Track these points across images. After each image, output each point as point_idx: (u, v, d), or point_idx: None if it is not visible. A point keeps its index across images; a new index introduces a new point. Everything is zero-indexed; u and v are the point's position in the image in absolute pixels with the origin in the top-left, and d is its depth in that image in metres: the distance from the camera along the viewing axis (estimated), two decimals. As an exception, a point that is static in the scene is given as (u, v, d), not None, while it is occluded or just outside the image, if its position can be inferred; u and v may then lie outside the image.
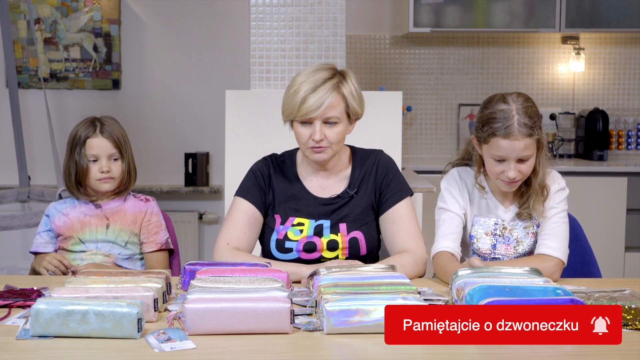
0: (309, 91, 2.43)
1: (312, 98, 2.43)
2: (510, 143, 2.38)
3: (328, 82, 2.45)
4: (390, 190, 2.57)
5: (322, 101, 2.43)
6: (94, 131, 2.72)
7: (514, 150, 2.39)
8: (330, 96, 2.44)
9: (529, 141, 2.40)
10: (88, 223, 2.74)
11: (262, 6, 3.76)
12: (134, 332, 1.84)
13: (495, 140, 2.40)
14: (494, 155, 2.42)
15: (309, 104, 2.43)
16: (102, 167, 2.71)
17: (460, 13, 5.11)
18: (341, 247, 2.52)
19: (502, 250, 2.55)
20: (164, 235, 2.81)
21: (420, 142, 5.50)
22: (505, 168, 2.42)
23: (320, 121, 2.45)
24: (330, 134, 2.46)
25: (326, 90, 2.44)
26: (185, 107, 5.27)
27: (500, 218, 2.55)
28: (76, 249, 2.72)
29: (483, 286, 1.95)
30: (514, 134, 2.38)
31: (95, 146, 2.72)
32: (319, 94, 2.43)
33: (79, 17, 5.19)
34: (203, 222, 5.27)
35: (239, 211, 2.57)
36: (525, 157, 2.42)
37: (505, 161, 2.42)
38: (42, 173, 4.97)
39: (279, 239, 2.53)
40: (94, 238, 2.73)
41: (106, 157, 2.72)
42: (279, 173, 2.60)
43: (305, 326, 1.94)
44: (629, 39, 5.42)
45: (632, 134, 5.47)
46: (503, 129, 2.38)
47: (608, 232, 4.81)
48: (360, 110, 2.52)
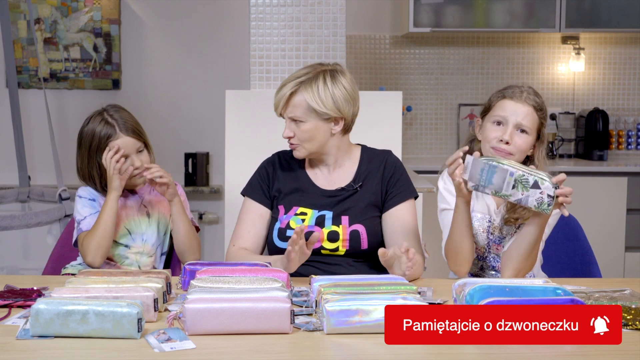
0: (278, 88, 2.52)
1: (277, 95, 2.51)
2: (514, 104, 2.48)
3: (295, 80, 2.49)
4: (396, 189, 2.59)
5: (280, 98, 2.50)
6: (114, 130, 2.63)
7: (516, 112, 2.46)
8: (288, 94, 2.49)
9: (532, 112, 2.47)
10: (130, 212, 2.70)
11: (262, 6, 3.76)
12: (134, 332, 1.84)
13: (500, 102, 2.50)
14: (496, 115, 2.49)
15: (275, 100, 2.52)
16: (134, 162, 2.63)
17: (460, 13, 5.11)
18: (342, 238, 2.53)
19: (493, 250, 2.55)
20: (190, 215, 2.77)
21: (420, 142, 5.50)
22: (502, 132, 2.46)
23: (289, 118, 2.51)
24: (298, 132, 2.51)
25: (289, 88, 2.49)
26: (185, 107, 5.28)
27: (492, 217, 2.55)
28: (123, 241, 2.68)
29: (483, 286, 1.95)
30: (521, 98, 2.49)
31: (122, 146, 2.62)
32: (282, 91, 2.51)
33: (79, 17, 5.19)
34: (203, 222, 5.27)
35: (244, 211, 2.62)
36: (524, 126, 2.46)
37: (504, 126, 2.47)
38: (42, 173, 4.97)
39: (281, 228, 2.55)
40: (139, 228, 2.70)
41: (134, 153, 2.65)
42: (286, 167, 2.64)
43: (305, 326, 1.94)
44: (629, 39, 5.42)
45: (632, 134, 5.47)
46: (512, 92, 2.51)
47: (608, 232, 4.81)
48: (331, 111, 2.49)
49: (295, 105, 2.49)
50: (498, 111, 2.49)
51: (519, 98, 2.48)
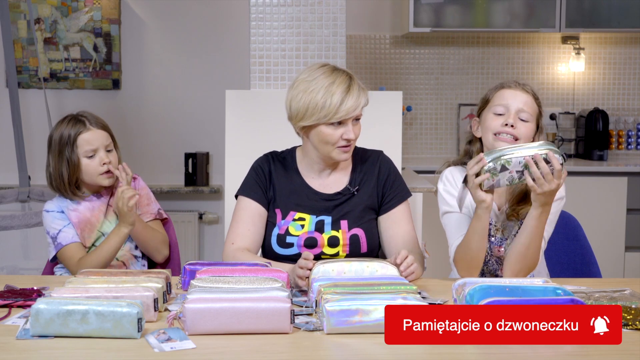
0: (344, 92, 2.46)
1: (350, 99, 2.45)
2: (513, 92, 2.51)
3: (352, 81, 2.49)
4: (392, 192, 2.59)
5: (360, 102, 2.47)
6: (84, 126, 2.67)
7: (516, 99, 2.49)
8: (362, 95, 2.49)
9: (531, 100, 2.51)
10: (100, 215, 2.72)
11: (262, 6, 3.76)
12: (134, 332, 1.84)
13: (499, 92, 2.53)
14: (496, 105, 2.50)
15: (349, 105, 2.45)
16: (102, 159, 2.66)
17: (460, 13, 5.11)
18: (342, 243, 2.53)
19: (495, 252, 2.53)
20: (155, 206, 2.83)
21: (420, 142, 5.50)
22: (505, 119, 2.47)
23: (354, 119, 2.50)
24: (357, 131, 2.51)
25: (356, 90, 2.48)
26: (185, 107, 5.27)
27: (493, 219, 2.53)
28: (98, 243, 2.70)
29: (483, 286, 1.95)
30: (519, 87, 2.52)
31: (91, 139, 2.65)
32: (354, 94, 2.47)
33: (79, 17, 5.19)
34: (203, 222, 5.27)
35: (242, 210, 2.59)
36: (524, 114, 2.47)
37: (505, 114, 2.48)
38: (42, 173, 4.89)
39: (280, 234, 2.54)
40: (110, 229, 2.71)
41: (103, 149, 2.67)
42: (279, 168, 2.62)
43: (305, 326, 1.94)
44: (629, 39, 5.42)
45: (632, 134, 5.47)
46: (508, 83, 2.54)
47: (608, 232, 4.81)
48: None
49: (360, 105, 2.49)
50: (498, 100, 2.51)
51: (516, 87, 2.52)
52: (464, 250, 2.43)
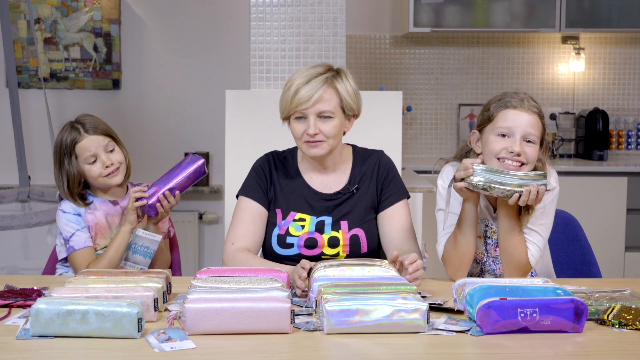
0: (301, 84, 2.46)
1: (303, 90, 2.45)
2: (518, 113, 2.38)
3: (321, 75, 2.47)
4: (390, 190, 2.59)
5: (313, 93, 2.45)
6: (79, 133, 2.65)
7: (521, 123, 2.37)
8: (321, 88, 2.46)
9: (537, 120, 2.39)
10: (116, 220, 2.71)
11: (262, 6, 3.76)
12: (134, 332, 1.84)
13: (503, 112, 2.39)
14: (500, 127, 2.39)
15: (300, 96, 2.45)
16: (104, 162, 2.65)
17: (460, 13, 5.11)
18: (342, 244, 2.53)
19: (492, 253, 2.53)
20: (166, 226, 2.81)
21: (420, 142, 5.50)
22: (510, 143, 2.37)
23: (315, 115, 2.46)
24: (325, 128, 2.47)
25: (318, 82, 2.46)
26: (185, 107, 5.27)
27: (490, 221, 2.52)
28: None
29: (483, 286, 1.95)
30: (524, 107, 2.39)
31: (88, 146, 2.64)
32: (311, 85, 2.45)
33: (79, 17, 5.19)
34: (203, 222, 5.27)
35: (242, 209, 2.59)
36: (531, 137, 2.37)
37: (510, 138, 2.38)
38: (42, 173, 4.97)
39: (280, 234, 2.54)
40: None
41: (104, 152, 2.66)
42: (280, 168, 2.62)
43: (305, 326, 1.94)
44: (629, 39, 5.42)
45: (632, 134, 5.47)
46: (513, 101, 2.40)
47: (608, 232, 4.81)
48: (356, 106, 2.53)
49: (326, 100, 2.46)
50: (501, 122, 2.39)
51: (521, 107, 2.39)
52: (452, 244, 2.45)
